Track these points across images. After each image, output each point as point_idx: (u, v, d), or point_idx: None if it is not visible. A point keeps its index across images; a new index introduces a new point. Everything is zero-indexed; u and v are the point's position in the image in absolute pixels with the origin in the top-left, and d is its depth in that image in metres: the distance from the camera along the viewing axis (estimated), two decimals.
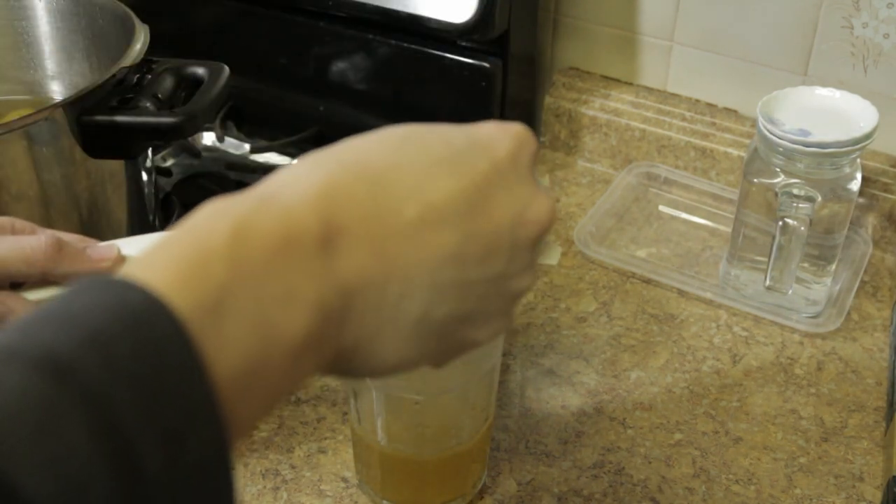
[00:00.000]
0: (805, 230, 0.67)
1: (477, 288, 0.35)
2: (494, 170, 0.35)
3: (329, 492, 0.60)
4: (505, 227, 0.35)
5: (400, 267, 0.32)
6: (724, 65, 0.86)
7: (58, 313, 0.26)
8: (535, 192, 0.37)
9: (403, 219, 0.33)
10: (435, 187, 0.33)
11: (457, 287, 0.34)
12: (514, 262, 0.36)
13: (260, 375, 0.29)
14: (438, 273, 0.33)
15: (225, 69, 0.69)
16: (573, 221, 0.84)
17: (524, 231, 0.36)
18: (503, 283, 0.36)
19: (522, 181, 0.36)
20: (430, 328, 0.35)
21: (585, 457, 0.63)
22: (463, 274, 0.34)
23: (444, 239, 0.33)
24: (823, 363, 0.70)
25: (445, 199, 0.34)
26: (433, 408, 0.55)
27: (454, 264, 0.34)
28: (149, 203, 0.74)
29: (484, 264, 0.35)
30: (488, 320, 0.37)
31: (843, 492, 0.61)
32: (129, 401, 0.25)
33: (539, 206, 0.36)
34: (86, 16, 0.76)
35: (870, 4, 0.77)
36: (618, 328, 0.73)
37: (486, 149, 0.36)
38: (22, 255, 0.42)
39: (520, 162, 0.36)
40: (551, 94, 0.93)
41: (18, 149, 0.61)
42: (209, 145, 0.93)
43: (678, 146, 0.87)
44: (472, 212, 0.34)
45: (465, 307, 0.35)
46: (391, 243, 0.32)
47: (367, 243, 0.32)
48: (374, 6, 0.85)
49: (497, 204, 0.35)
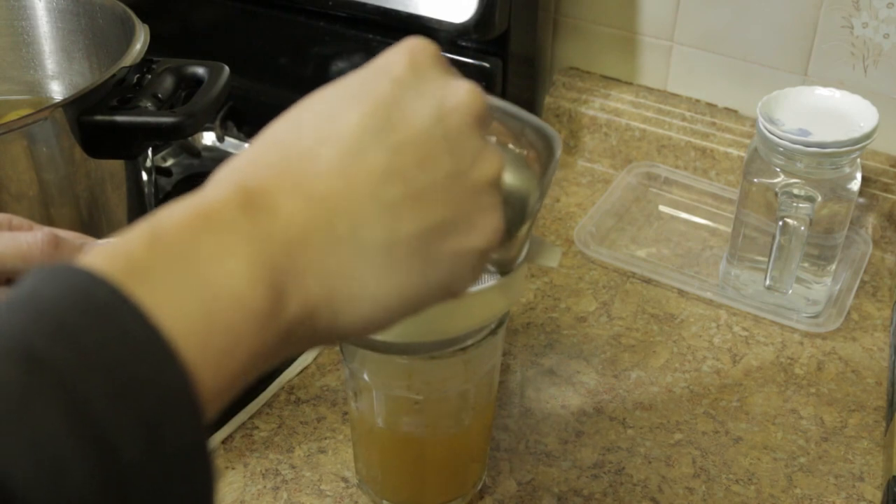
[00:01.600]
0: (805, 230, 0.67)
1: (434, 193, 0.34)
2: (396, 83, 0.35)
3: (329, 492, 0.60)
4: (427, 125, 0.34)
5: (338, 202, 0.32)
6: (724, 65, 0.86)
7: (24, 304, 0.27)
8: (447, 83, 0.36)
9: (322, 159, 0.33)
10: (343, 122, 0.33)
11: (410, 199, 0.33)
12: (461, 154, 0.35)
13: (219, 338, 0.28)
14: (382, 193, 0.33)
15: (225, 69, 0.69)
16: (573, 221, 0.84)
17: (452, 120, 0.35)
18: (462, 178, 0.35)
19: (430, 80, 0.35)
20: (407, 249, 0.34)
21: (585, 457, 0.63)
22: (408, 185, 0.33)
23: (370, 161, 0.33)
24: (823, 363, 0.70)
25: (357, 125, 0.33)
26: (433, 408, 0.55)
27: (393, 179, 0.33)
28: (149, 203, 0.74)
29: (425, 167, 0.34)
30: (471, 221, 0.36)
31: (843, 492, 0.61)
32: (101, 388, 0.25)
33: (456, 91, 0.36)
34: (86, 16, 0.76)
35: (870, 4, 0.77)
36: (618, 328, 0.73)
37: (382, 70, 0.36)
38: (18, 252, 0.42)
39: (420, 66, 0.36)
40: (551, 94, 0.93)
41: (18, 149, 0.61)
42: (209, 145, 0.93)
43: (678, 146, 0.87)
44: (387, 127, 0.34)
45: (433, 215, 0.34)
46: (318, 184, 0.32)
47: (292, 194, 0.32)
48: (374, 6, 0.86)
49: (410, 110, 0.34)
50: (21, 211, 0.63)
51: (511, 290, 0.50)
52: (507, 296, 0.50)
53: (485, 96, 0.36)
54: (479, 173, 0.36)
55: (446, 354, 0.54)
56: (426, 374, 0.54)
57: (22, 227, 0.44)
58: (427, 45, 0.37)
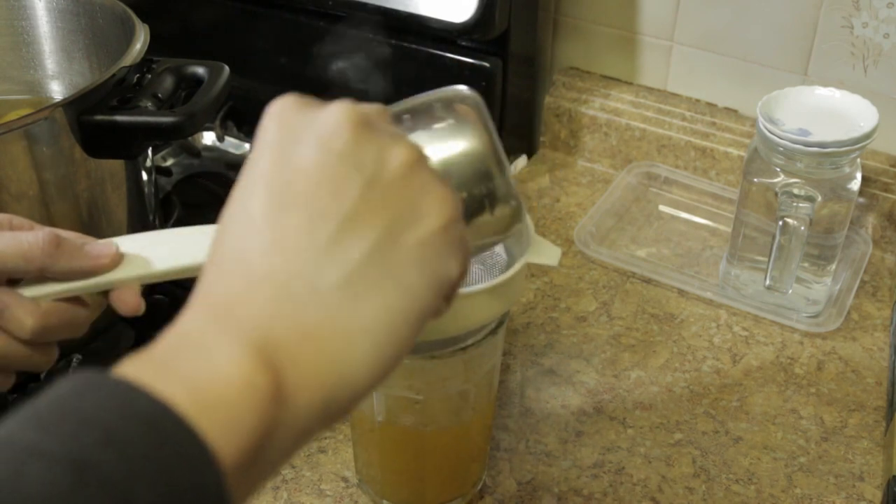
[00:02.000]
0: (805, 230, 0.67)
1: (362, 210, 0.34)
2: (274, 147, 0.35)
3: (329, 491, 0.60)
4: (317, 160, 0.34)
5: (283, 271, 0.33)
6: (724, 65, 0.86)
7: (71, 412, 0.28)
8: (314, 119, 0.36)
9: (254, 247, 0.34)
10: (252, 205, 0.34)
11: (343, 229, 0.34)
12: (363, 163, 0.34)
13: (226, 414, 0.30)
14: (315, 241, 0.33)
15: (225, 69, 0.69)
16: (573, 221, 0.84)
17: (335, 143, 0.34)
18: (377, 180, 0.34)
19: (299, 128, 0.35)
20: (366, 270, 0.34)
21: (585, 456, 0.63)
22: (333, 220, 0.34)
23: (289, 223, 0.33)
24: (823, 363, 0.70)
25: (262, 201, 0.34)
26: (433, 408, 0.55)
27: (317, 224, 0.34)
28: (149, 203, 0.74)
29: (339, 195, 0.34)
30: (414, 209, 0.35)
31: (843, 491, 0.61)
32: (146, 493, 0.27)
33: (325, 119, 0.35)
34: (86, 15, 0.76)
35: (870, 4, 0.77)
36: (618, 328, 0.73)
37: (259, 145, 0.36)
38: (19, 251, 0.42)
39: (287, 122, 0.36)
40: (551, 93, 0.93)
41: (18, 149, 0.61)
42: (209, 145, 0.93)
43: (678, 146, 0.87)
44: (286, 187, 0.34)
45: (373, 228, 0.34)
46: (259, 269, 0.33)
47: (248, 290, 0.33)
48: (375, 6, 0.86)
49: (297, 159, 0.34)
50: (21, 211, 0.63)
51: (511, 289, 0.50)
52: (507, 295, 0.50)
53: (358, 105, 0.36)
54: (392, 166, 0.35)
55: (446, 354, 0.54)
56: (426, 373, 0.54)
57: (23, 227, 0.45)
58: (285, 100, 0.37)
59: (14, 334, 0.43)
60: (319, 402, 0.32)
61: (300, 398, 0.32)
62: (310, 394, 0.32)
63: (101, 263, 0.43)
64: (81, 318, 0.44)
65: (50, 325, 0.43)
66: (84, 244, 0.44)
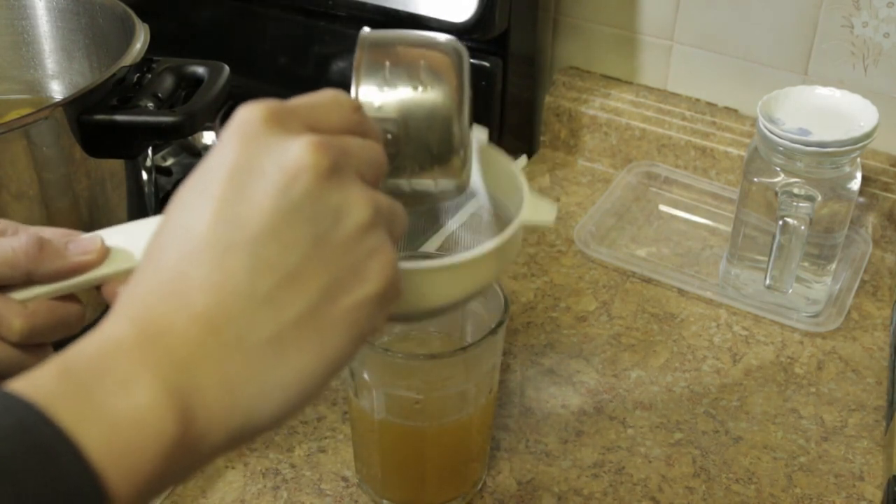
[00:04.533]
0: (805, 229, 0.67)
1: (307, 266, 0.33)
2: (233, 171, 0.34)
3: (329, 491, 0.60)
4: (274, 204, 0.33)
5: (218, 314, 0.33)
6: (724, 64, 0.86)
7: None
8: (282, 147, 0.34)
9: (191, 277, 0.33)
10: (196, 231, 0.33)
11: (285, 283, 0.33)
12: (320, 216, 0.34)
13: (132, 460, 0.30)
14: (254, 290, 0.33)
15: (225, 69, 0.69)
16: (573, 221, 0.84)
17: (298, 187, 0.33)
18: (329, 238, 0.34)
19: (263, 152, 0.34)
20: (297, 330, 0.33)
21: (585, 456, 0.63)
22: (277, 272, 0.33)
23: (232, 266, 0.33)
24: (823, 362, 0.70)
25: (207, 233, 0.33)
26: (433, 408, 0.55)
27: (261, 273, 0.33)
28: (149, 202, 0.74)
29: (288, 248, 0.33)
30: (357, 272, 0.35)
31: (843, 491, 0.61)
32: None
33: (292, 154, 0.34)
34: (86, 15, 0.76)
35: (870, 4, 0.77)
36: (618, 327, 0.73)
37: (218, 159, 0.35)
38: (4, 258, 0.42)
39: (250, 138, 0.34)
40: (551, 93, 0.93)
41: (18, 148, 0.61)
42: (209, 145, 0.93)
43: (678, 145, 0.87)
44: (236, 223, 0.33)
45: (313, 288, 0.34)
46: (197, 302, 0.33)
47: (178, 314, 0.32)
48: (374, 6, 0.86)
49: (252, 194, 0.33)
50: (21, 211, 0.63)
51: (505, 252, 0.47)
52: (504, 257, 0.48)
53: (328, 144, 0.34)
54: (347, 225, 0.34)
55: (446, 354, 0.54)
56: (426, 373, 0.54)
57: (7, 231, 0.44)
58: (252, 111, 0.35)
59: (3, 338, 0.42)
60: (223, 443, 0.33)
61: (205, 441, 0.32)
62: (214, 437, 0.32)
63: (87, 260, 0.42)
64: (74, 316, 0.43)
65: (40, 326, 0.42)
66: (68, 242, 0.43)
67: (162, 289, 0.33)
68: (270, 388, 0.33)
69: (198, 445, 0.32)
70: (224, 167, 0.34)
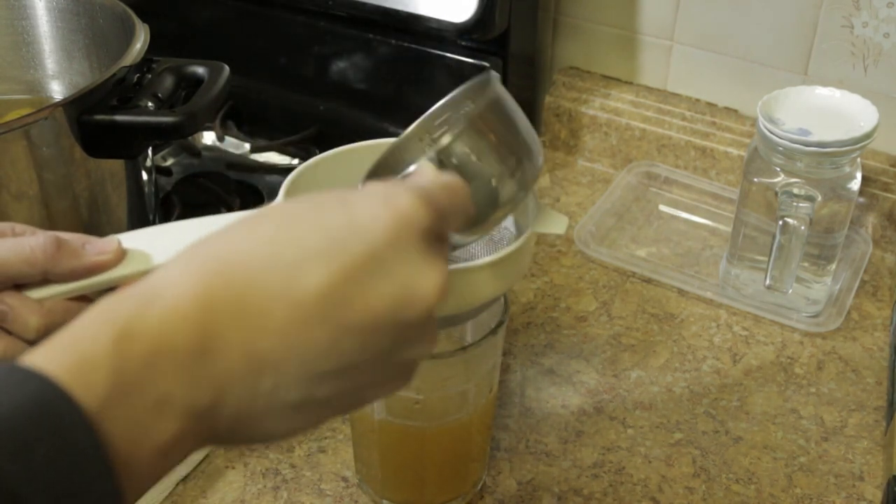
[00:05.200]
0: (805, 229, 0.67)
1: (362, 368, 0.35)
2: (370, 256, 0.34)
3: (329, 491, 0.60)
4: (384, 313, 0.34)
5: (271, 363, 0.33)
6: (724, 64, 0.86)
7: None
8: (420, 271, 0.35)
9: (272, 321, 0.33)
10: (304, 284, 0.33)
11: (337, 373, 0.34)
12: (403, 340, 0.35)
13: (127, 474, 0.31)
14: (313, 365, 0.34)
15: (225, 69, 0.69)
16: (573, 221, 0.84)
17: (409, 312, 0.34)
18: (394, 356, 0.36)
19: (405, 261, 0.34)
20: (317, 406, 0.35)
21: (585, 456, 0.63)
22: (340, 362, 0.34)
23: (315, 336, 0.33)
24: (823, 363, 0.70)
25: (315, 296, 0.33)
26: (433, 408, 0.55)
27: (330, 357, 0.34)
28: (149, 202, 0.74)
29: (364, 350, 0.34)
30: (384, 384, 0.37)
31: (843, 491, 0.61)
32: (41, 500, 0.28)
33: (425, 284, 0.35)
34: (86, 15, 0.76)
35: (870, 4, 0.77)
36: (618, 327, 0.73)
37: (364, 232, 0.34)
38: (22, 256, 0.43)
39: (401, 242, 0.34)
40: (551, 93, 0.93)
41: (18, 148, 0.61)
42: (209, 145, 0.93)
43: (678, 146, 0.87)
44: (344, 303, 0.33)
45: (352, 384, 0.35)
46: (262, 344, 0.33)
47: (237, 347, 0.33)
48: (374, 6, 0.86)
49: (373, 290, 0.34)
50: (21, 211, 0.63)
51: (519, 261, 0.48)
52: (515, 268, 0.48)
53: (444, 287, 0.35)
54: (411, 354, 0.36)
55: (446, 354, 0.54)
56: (426, 373, 0.54)
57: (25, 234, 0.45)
58: (420, 218, 0.35)
59: (20, 335, 0.43)
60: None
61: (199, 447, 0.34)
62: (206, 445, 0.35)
63: (104, 260, 0.43)
64: None
65: (55, 324, 0.43)
66: (85, 243, 0.44)
67: (240, 310, 0.33)
68: (263, 435, 0.35)
69: (192, 450, 0.34)
70: (366, 242, 0.34)
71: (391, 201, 0.35)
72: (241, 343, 0.33)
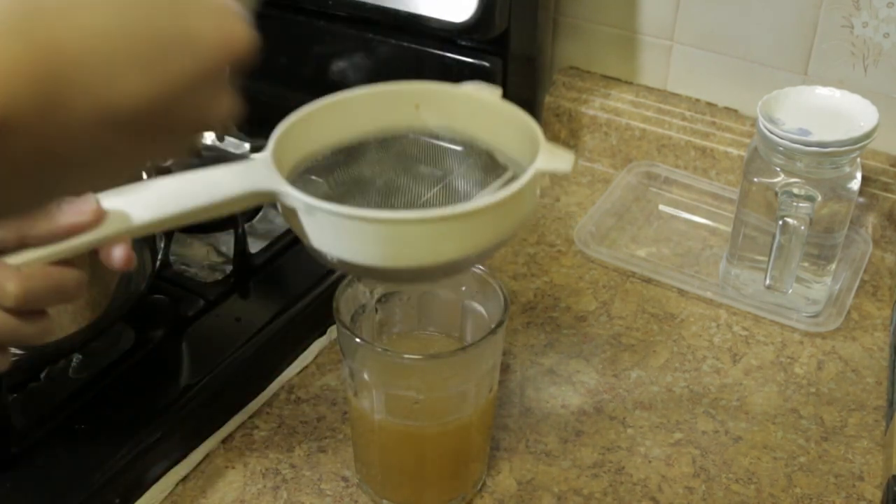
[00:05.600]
0: (805, 229, 0.67)
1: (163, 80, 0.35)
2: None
3: (329, 491, 0.60)
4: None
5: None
6: (724, 64, 0.86)
7: None
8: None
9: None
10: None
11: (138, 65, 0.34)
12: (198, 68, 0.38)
13: None
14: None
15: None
16: (573, 221, 0.84)
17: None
18: (189, 91, 0.38)
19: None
20: (117, 128, 0.34)
21: (585, 456, 0.63)
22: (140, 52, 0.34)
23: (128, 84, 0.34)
24: (823, 362, 0.70)
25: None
26: (433, 407, 0.55)
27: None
28: None
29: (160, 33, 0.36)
30: (172, 130, 0.38)
31: (843, 491, 0.61)
32: None
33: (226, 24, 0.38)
34: None
35: (870, 4, 0.77)
36: (618, 327, 0.73)
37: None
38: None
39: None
40: (551, 93, 0.93)
41: None
42: (209, 145, 0.93)
43: (678, 145, 0.87)
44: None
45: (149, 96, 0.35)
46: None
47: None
48: (374, 6, 0.86)
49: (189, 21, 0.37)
50: None
51: (524, 201, 0.45)
52: (520, 209, 0.45)
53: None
54: (204, 99, 0.39)
55: (446, 354, 0.54)
56: (426, 373, 0.54)
57: None
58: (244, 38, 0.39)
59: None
60: (83, 113, 0.33)
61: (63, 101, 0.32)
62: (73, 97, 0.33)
63: (81, 221, 0.41)
64: (71, 282, 0.42)
65: (35, 291, 0.41)
66: (62, 203, 0.42)
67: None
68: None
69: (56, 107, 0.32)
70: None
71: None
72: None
